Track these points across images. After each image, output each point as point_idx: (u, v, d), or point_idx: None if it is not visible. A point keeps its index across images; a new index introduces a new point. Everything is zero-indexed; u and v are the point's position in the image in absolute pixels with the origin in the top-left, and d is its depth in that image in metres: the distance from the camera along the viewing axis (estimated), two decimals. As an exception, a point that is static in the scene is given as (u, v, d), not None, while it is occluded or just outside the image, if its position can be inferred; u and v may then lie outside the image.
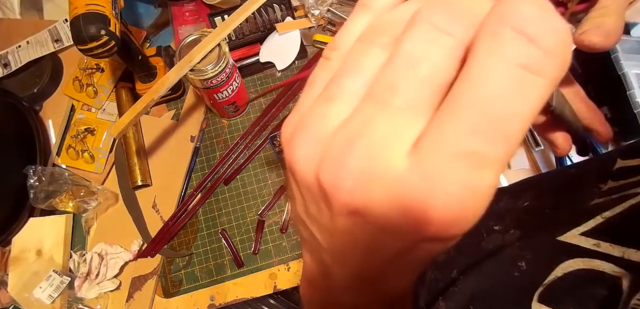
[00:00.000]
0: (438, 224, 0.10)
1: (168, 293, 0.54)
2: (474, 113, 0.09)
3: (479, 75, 0.10)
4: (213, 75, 0.50)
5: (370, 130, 0.11)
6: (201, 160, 0.61)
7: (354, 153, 0.11)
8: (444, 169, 0.10)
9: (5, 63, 0.63)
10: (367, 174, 0.11)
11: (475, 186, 0.10)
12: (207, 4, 0.68)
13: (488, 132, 0.09)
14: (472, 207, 0.10)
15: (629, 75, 0.60)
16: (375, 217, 0.11)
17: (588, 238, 0.23)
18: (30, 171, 0.53)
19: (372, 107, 0.11)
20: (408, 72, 0.11)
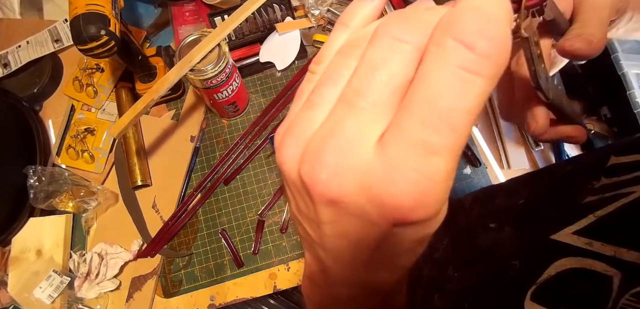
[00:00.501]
0: (401, 208, 0.12)
1: (168, 293, 0.54)
2: (425, 108, 0.11)
3: (427, 77, 0.12)
4: (213, 75, 0.50)
5: (341, 128, 0.13)
6: (201, 160, 0.62)
7: (328, 149, 0.13)
8: (402, 158, 0.12)
9: (5, 63, 0.63)
10: (339, 166, 0.13)
11: (429, 171, 0.12)
12: (207, 4, 0.68)
13: (437, 124, 0.11)
14: (429, 191, 0.12)
15: (629, 75, 0.59)
16: (349, 206, 0.13)
17: (580, 237, 0.24)
18: (30, 171, 0.53)
19: (342, 109, 0.13)
20: (370, 77, 0.13)
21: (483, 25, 0.11)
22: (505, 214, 0.34)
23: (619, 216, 0.23)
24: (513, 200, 0.35)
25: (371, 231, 0.13)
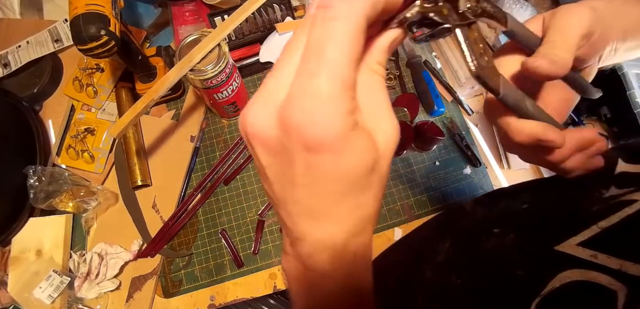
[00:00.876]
0: (299, 126, 0.15)
1: (168, 292, 0.54)
2: (307, 48, 0.16)
3: (309, 32, 0.16)
4: (213, 75, 0.50)
5: (264, 85, 0.18)
6: (201, 160, 0.61)
7: (253, 100, 0.17)
8: (294, 87, 0.16)
9: (5, 63, 0.63)
10: (259, 111, 0.17)
11: (312, 90, 0.15)
12: (207, 4, 0.68)
13: (313, 56, 0.16)
14: (316, 108, 0.15)
15: (629, 75, 0.59)
16: (270, 141, 0.17)
17: (585, 249, 0.23)
18: (30, 171, 0.53)
19: (270, 76, 0.18)
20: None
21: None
22: (508, 219, 0.33)
23: (623, 227, 0.23)
24: (517, 204, 0.34)
25: (294, 163, 0.17)
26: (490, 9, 0.23)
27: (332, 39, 0.16)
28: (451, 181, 0.61)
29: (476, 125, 0.66)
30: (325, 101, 0.15)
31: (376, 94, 0.19)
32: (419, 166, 0.62)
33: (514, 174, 0.62)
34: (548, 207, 0.31)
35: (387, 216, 0.58)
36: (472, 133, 0.65)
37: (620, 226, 0.23)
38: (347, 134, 0.16)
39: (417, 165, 0.62)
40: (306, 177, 0.17)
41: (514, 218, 0.33)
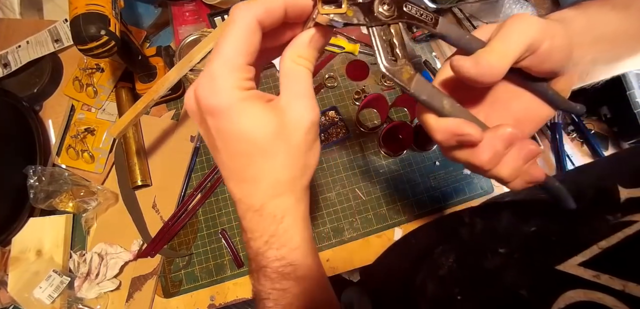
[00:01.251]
0: (199, 97, 0.22)
1: (168, 293, 0.54)
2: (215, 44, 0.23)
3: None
4: (213, 75, 0.50)
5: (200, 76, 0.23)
6: (201, 160, 0.61)
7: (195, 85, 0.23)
8: (202, 71, 0.23)
9: (5, 63, 0.63)
10: (192, 89, 0.24)
11: (208, 71, 0.22)
12: (207, 4, 0.68)
13: (214, 49, 0.22)
14: (208, 83, 0.22)
15: (629, 75, 0.59)
16: (195, 113, 0.24)
17: (587, 269, 0.23)
18: (30, 171, 0.53)
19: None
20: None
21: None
22: (515, 240, 0.32)
23: (625, 247, 0.22)
24: (524, 226, 0.33)
25: (208, 129, 0.23)
26: (414, 12, 0.25)
27: (226, 36, 0.22)
28: (451, 181, 0.61)
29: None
30: (215, 78, 0.22)
31: (296, 80, 0.24)
32: (419, 166, 0.62)
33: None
34: (557, 229, 0.30)
35: (387, 216, 0.58)
36: (472, 133, 0.65)
37: (622, 246, 0.22)
38: (236, 103, 0.22)
39: (417, 165, 0.62)
40: (218, 140, 0.23)
41: (521, 240, 0.32)
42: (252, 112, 0.22)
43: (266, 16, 0.22)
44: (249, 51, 0.22)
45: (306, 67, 0.24)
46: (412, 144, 0.62)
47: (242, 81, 0.22)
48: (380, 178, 0.60)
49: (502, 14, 0.69)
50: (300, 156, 0.24)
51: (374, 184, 0.60)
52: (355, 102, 0.66)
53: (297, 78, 0.24)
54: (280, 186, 0.24)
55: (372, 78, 0.68)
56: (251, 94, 0.23)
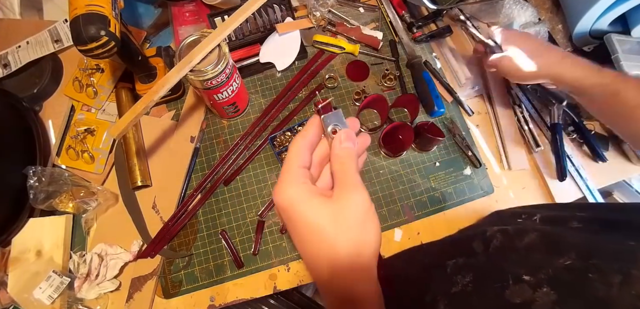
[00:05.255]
0: (274, 197, 0.31)
1: (168, 293, 0.54)
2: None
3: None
4: (213, 76, 0.50)
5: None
6: (201, 160, 0.61)
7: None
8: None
9: (5, 63, 0.63)
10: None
11: (279, 180, 0.31)
12: (207, 4, 0.68)
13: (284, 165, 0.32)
14: (277, 188, 0.30)
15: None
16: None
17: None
18: (30, 171, 0.53)
19: None
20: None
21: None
22: (544, 271, 0.31)
23: None
24: (558, 259, 0.31)
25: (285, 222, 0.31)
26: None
27: (288, 155, 0.31)
28: (451, 181, 0.61)
29: (477, 126, 0.66)
30: (280, 182, 0.30)
31: (345, 170, 0.30)
32: (419, 167, 0.62)
33: (514, 175, 0.62)
34: (594, 262, 0.28)
35: (387, 217, 0.58)
36: (473, 134, 0.65)
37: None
38: (294, 199, 0.29)
39: (417, 165, 0.62)
40: (290, 229, 0.30)
41: (552, 272, 0.30)
42: (310, 205, 0.29)
43: (307, 143, 0.32)
44: (302, 165, 0.31)
45: (351, 156, 0.31)
46: (412, 145, 0.62)
47: (300, 183, 0.29)
48: (380, 178, 0.60)
49: (502, 14, 0.69)
50: (354, 236, 0.28)
51: (374, 184, 0.60)
52: (355, 103, 0.66)
53: (345, 164, 0.30)
54: (340, 264, 0.28)
55: (372, 79, 0.68)
56: (310, 189, 0.29)
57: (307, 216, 0.28)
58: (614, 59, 0.61)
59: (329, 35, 0.70)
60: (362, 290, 0.28)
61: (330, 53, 0.69)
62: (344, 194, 0.29)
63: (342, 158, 0.31)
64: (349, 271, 0.28)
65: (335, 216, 0.28)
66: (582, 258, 0.30)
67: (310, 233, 0.29)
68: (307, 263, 0.30)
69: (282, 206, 0.29)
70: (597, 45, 0.67)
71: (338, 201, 0.29)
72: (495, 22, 0.70)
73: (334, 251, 0.28)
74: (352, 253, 0.28)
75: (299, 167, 0.30)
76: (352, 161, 0.30)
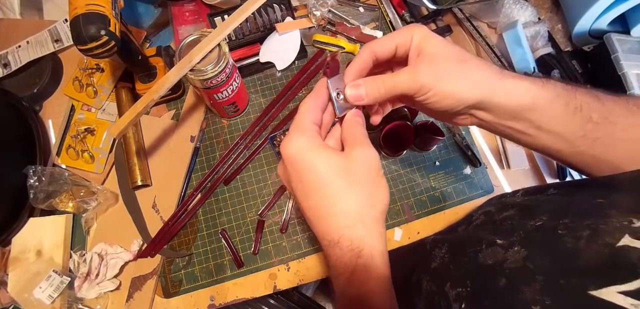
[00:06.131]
0: (281, 150, 0.31)
1: (168, 293, 0.54)
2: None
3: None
4: (213, 75, 0.50)
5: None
6: (201, 160, 0.61)
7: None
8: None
9: (5, 63, 0.63)
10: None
11: (289, 132, 0.32)
12: (207, 4, 0.68)
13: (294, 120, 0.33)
14: (286, 140, 0.31)
15: (629, 75, 0.59)
16: (282, 168, 0.32)
17: (627, 297, 0.21)
18: (30, 171, 0.53)
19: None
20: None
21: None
22: (517, 234, 0.31)
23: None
24: (530, 222, 0.31)
25: (288, 177, 0.31)
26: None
27: (298, 112, 0.31)
28: (451, 181, 0.61)
29: (476, 125, 0.66)
30: (289, 134, 0.30)
31: (354, 129, 0.31)
32: (419, 166, 0.62)
33: (514, 174, 0.62)
34: (565, 221, 0.28)
35: (387, 216, 0.58)
36: (472, 133, 0.65)
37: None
38: (306, 149, 0.29)
39: (417, 165, 0.62)
40: (298, 183, 0.30)
41: (524, 233, 0.31)
42: (320, 154, 0.28)
43: (316, 104, 0.32)
44: (312, 120, 0.31)
45: (361, 124, 0.31)
46: (412, 144, 0.62)
47: (311, 134, 0.30)
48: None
49: (502, 14, 0.69)
50: (366, 190, 0.28)
51: (374, 184, 0.60)
52: (355, 102, 0.66)
53: (354, 127, 0.30)
54: (350, 216, 0.28)
55: (372, 78, 0.68)
56: (320, 142, 0.29)
57: (316, 166, 0.28)
58: (613, 58, 0.61)
59: (328, 34, 0.70)
60: (370, 246, 0.28)
61: (330, 53, 0.69)
62: (357, 149, 0.29)
63: (352, 123, 0.31)
64: (359, 224, 0.28)
65: (346, 169, 0.28)
66: (553, 218, 0.30)
67: (318, 185, 0.28)
68: (312, 218, 0.29)
69: (290, 155, 0.29)
70: (596, 44, 0.67)
71: (349, 155, 0.29)
72: (495, 22, 0.71)
73: (343, 204, 0.28)
74: (363, 205, 0.28)
75: (310, 122, 0.30)
76: (361, 127, 0.31)
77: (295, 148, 0.29)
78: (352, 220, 0.28)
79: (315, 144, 0.29)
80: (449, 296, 0.32)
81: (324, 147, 0.29)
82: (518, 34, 0.66)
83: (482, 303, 0.29)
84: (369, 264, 0.27)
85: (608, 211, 0.26)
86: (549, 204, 0.34)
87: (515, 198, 0.41)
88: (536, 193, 0.39)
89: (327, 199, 0.28)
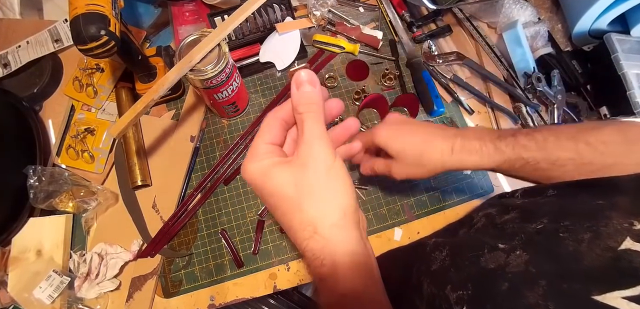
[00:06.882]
0: (243, 173, 0.30)
1: (168, 293, 0.54)
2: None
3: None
4: (213, 75, 0.50)
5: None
6: (201, 160, 0.62)
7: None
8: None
9: (5, 63, 0.63)
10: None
11: (248, 154, 0.31)
12: (207, 4, 0.68)
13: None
14: (245, 164, 0.30)
15: (629, 75, 0.60)
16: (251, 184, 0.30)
17: (631, 303, 0.21)
18: (30, 171, 0.53)
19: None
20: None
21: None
22: (518, 237, 0.31)
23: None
24: (531, 225, 0.32)
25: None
26: None
27: (256, 139, 0.30)
28: (451, 181, 0.61)
29: (476, 125, 0.66)
30: (243, 163, 0.29)
31: (306, 127, 0.28)
32: (419, 166, 0.62)
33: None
34: (566, 223, 0.28)
35: (387, 216, 0.58)
36: (472, 133, 0.65)
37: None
38: (259, 172, 0.28)
39: (417, 165, 0.62)
40: (264, 201, 0.29)
41: (526, 237, 0.30)
42: (271, 175, 0.27)
43: (278, 121, 0.31)
44: (270, 140, 0.30)
45: (313, 112, 0.28)
46: (412, 144, 0.62)
47: (262, 158, 0.28)
48: (380, 178, 0.60)
49: (502, 14, 0.69)
50: (317, 197, 0.27)
51: (374, 184, 0.60)
52: (355, 102, 0.66)
53: (306, 125, 0.28)
54: (307, 228, 0.27)
55: (372, 78, 0.68)
56: (272, 161, 0.28)
57: (268, 187, 0.28)
58: (613, 58, 0.61)
59: (328, 34, 0.70)
60: (331, 254, 0.26)
61: (330, 53, 0.69)
62: (303, 151, 0.27)
63: (299, 106, 0.28)
64: (316, 235, 0.27)
65: (295, 179, 0.27)
66: (554, 220, 0.30)
67: (276, 203, 0.28)
68: (287, 232, 0.30)
69: (249, 181, 0.29)
70: (596, 44, 0.67)
71: (296, 161, 0.27)
72: (495, 22, 0.71)
73: (298, 217, 0.27)
74: (317, 215, 0.27)
75: (264, 144, 0.29)
76: (310, 109, 0.27)
77: (249, 174, 0.28)
78: (309, 232, 0.27)
79: (265, 167, 0.28)
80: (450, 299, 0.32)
81: (274, 166, 0.28)
82: (518, 34, 0.66)
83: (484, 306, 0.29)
84: (333, 271, 0.26)
85: (608, 213, 0.26)
86: (549, 206, 0.33)
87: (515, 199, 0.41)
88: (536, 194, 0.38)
89: (285, 216, 0.28)
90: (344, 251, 0.27)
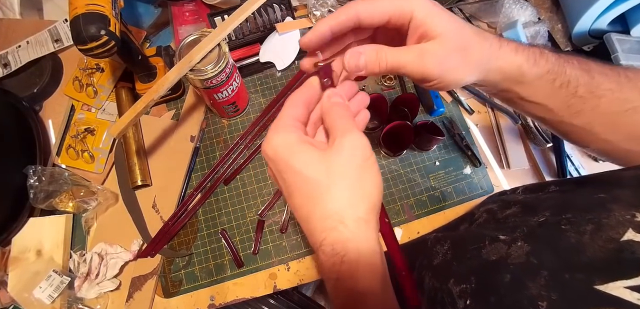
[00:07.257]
0: (262, 150, 0.29)
1: (168, 292, 0.54)
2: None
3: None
4: (213, 75, 0.50)
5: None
6: (201, 160, 0.62)
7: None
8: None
9: (5, 63, 0.63)
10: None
11: (270, 131, 0.29)
12: (207, 4, 0.68)
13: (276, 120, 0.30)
14: (267, 139, 0.28)
15: (629, 75, 0.59)
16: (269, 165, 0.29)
17: (634, 292, 0.21)
18: (30, 171, 0.53)
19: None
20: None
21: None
22: (520, 230, 0.31)
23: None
24: (533, 218, 0.31)
25: (273, 175, 0.29)
26: None
27: (282, 108, 0.29)
28: (451, 181, 0.61)
29: (476, 125, 0.66)
30: (267, 136, 0.28)
31: (335, 116, 0.28)
32: (419, 166, 0.62)
33: (513, 174, 0.62)
34: (567, 217, 0.28)
35: (387, 216, 0.58)
36: (472, 133, 0.65)
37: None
38: (285, 148, 0.27)
39: (417, 165, 0.62)
40: (281, 182, 0.28)
41: (527, 229, 0.30)
42: (298, 151, 0.26)
43: (301, 103, 0.30)
44: (295, 117, 0.29)
45: (342, 106, 0.28)
46: (412, 144, 0.62)
47: (290, 130, 0.27)
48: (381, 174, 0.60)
49: (502, 14, 0.69)
50: (348, 187, 0.25)
51: (374, 184, 0.60)
52: (355, 102, 0.66)
53: (333, 113, 0.28)
54: (331, 218, 0.25)
55: (372, 78, 0.68)
56: (299, 137, 0.27)
57: (294, 165, 0.26)
58: (613, 58, 0.61)
59: (328, 34, 0.70)
60: (354, 250, 0.25)
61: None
62: (338, 140, 0.26)
63: (331, 110, 0.28)
64: (340, 226, 0.25)
65: (327, 165, 0.25)
66: (556, 214, 0.30)
67: (298, 185, 0.26)
68: (298, 218, 0.27)
69: (269, 155, 0.27)
70: (596, 44, 0.67)
71: (331, 149, 0.26)
72: (495, 22, 0.71)
73: (323, 205, 0.25)
74: (345, 205, 0.25)
75: (290, 117, 0.28)
76: (342, 110, 0.28)
77: (273, 147, 0.26)
78: (332, 222, 0.25)
79: (294, 141, 0.26)
80: (453, 292, 0.32)
81: (303, 142, 0.26)
82: (518, 34, 0.66)
83: (487, 299, 0.29)
84: (354, 269, 0.25)
85: (610, 206, 0.26)
86: (551, 200, 0.34)
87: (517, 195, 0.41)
88: (537, 191, 0.38)
89: (307, 200, 0.26)
90: (367, 249, 0.25)
